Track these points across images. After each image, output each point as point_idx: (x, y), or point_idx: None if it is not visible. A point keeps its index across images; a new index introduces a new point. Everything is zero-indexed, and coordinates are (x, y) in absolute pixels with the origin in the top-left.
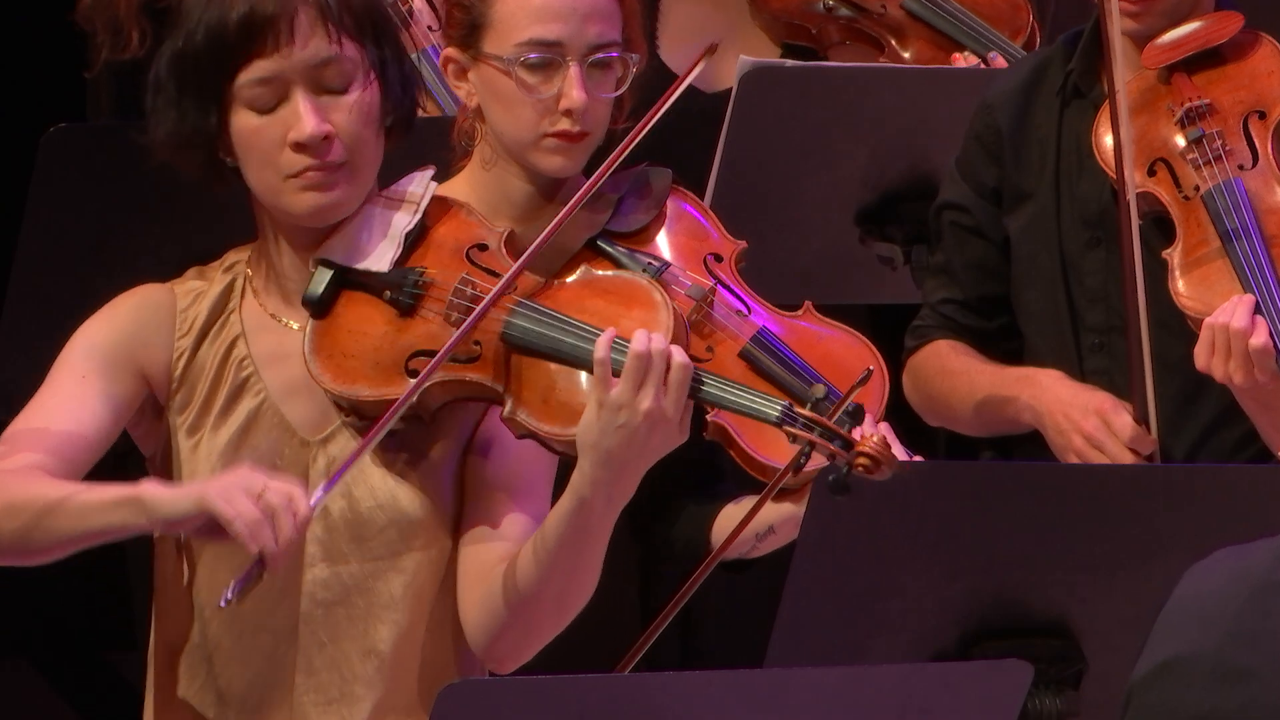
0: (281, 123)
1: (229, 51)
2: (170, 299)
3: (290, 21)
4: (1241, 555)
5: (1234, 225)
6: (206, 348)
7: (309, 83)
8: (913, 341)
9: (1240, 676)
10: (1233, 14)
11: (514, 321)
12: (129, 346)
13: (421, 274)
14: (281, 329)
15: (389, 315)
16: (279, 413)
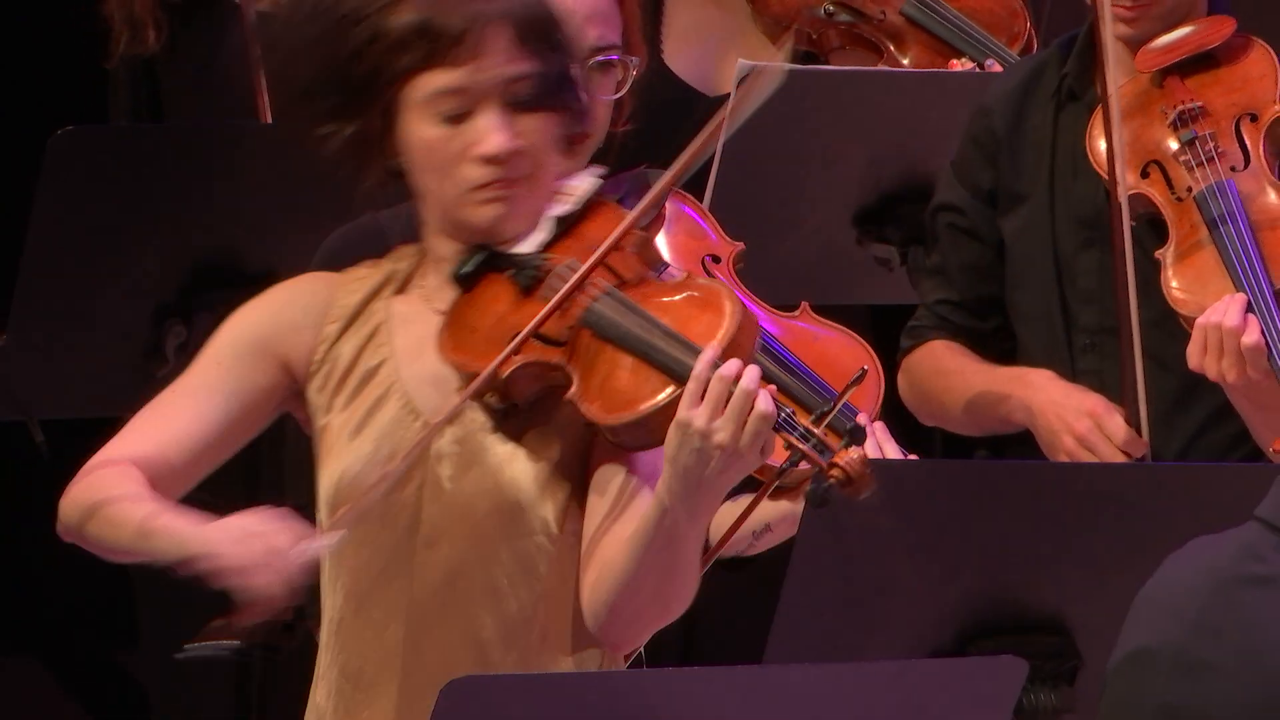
0: (466, 135)
1: (407, 59)
2: (329, 286)
3: (481, 35)
4: (1211, 547)
5: (1226, 226)
6: (352, 332)
7: (498, 97)
8: (908, 342)
9: (1202, 669)
10: (1225, 19)
11: (595, 307)
12: (274, 334)
13: (546, 258)
14: (429, 316)
15: (512, 294)
16: (407, 395)
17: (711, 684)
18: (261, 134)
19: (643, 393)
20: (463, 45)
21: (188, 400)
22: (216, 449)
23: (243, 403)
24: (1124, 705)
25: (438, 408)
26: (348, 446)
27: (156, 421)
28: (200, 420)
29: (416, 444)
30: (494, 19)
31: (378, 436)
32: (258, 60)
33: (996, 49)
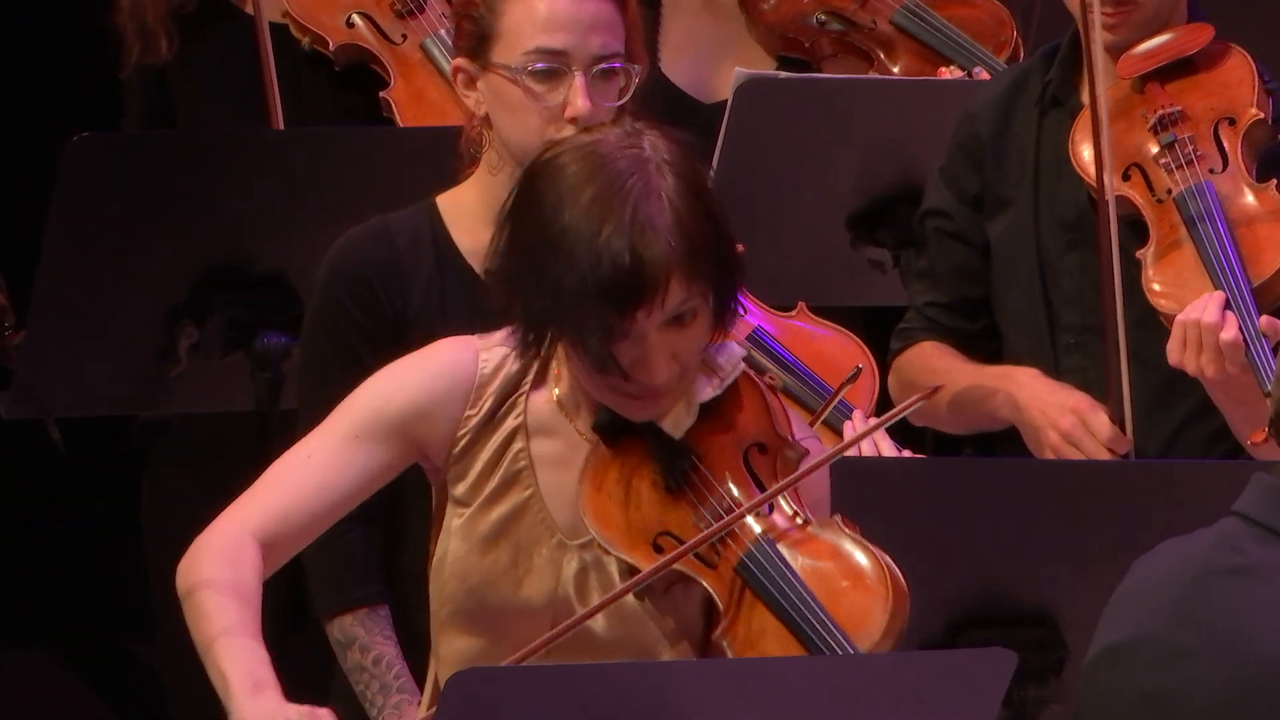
0: (629, 353)
1: (605, 309)
2: (471, 366)
3: (665, 289)
4: (1186, 542)
5: (1205, 226)
6: (492, 427)
7: (661, 328)
8: (898, 343)
9: (1181, 655)
10: (1204, 26)
11: (746, 562)
12: (415, 419)
13: (695, 463)
14: (568, 429)
15: (657, 484)
16: (545, 510)
17: (711, 674)
18: (271, 140)
19: None
20: (651, 300)
21: (317, 472)
22: (334, 515)
23: (371, 476)
24: (1105, 696)
25: (572, 527)
26: (483, 550)
27: (284, 488)
28: (327, 492)
29: (563, 628)
30: (676, 265)
31: (513, 549)
32: (271, 69)
33: (984, 57)
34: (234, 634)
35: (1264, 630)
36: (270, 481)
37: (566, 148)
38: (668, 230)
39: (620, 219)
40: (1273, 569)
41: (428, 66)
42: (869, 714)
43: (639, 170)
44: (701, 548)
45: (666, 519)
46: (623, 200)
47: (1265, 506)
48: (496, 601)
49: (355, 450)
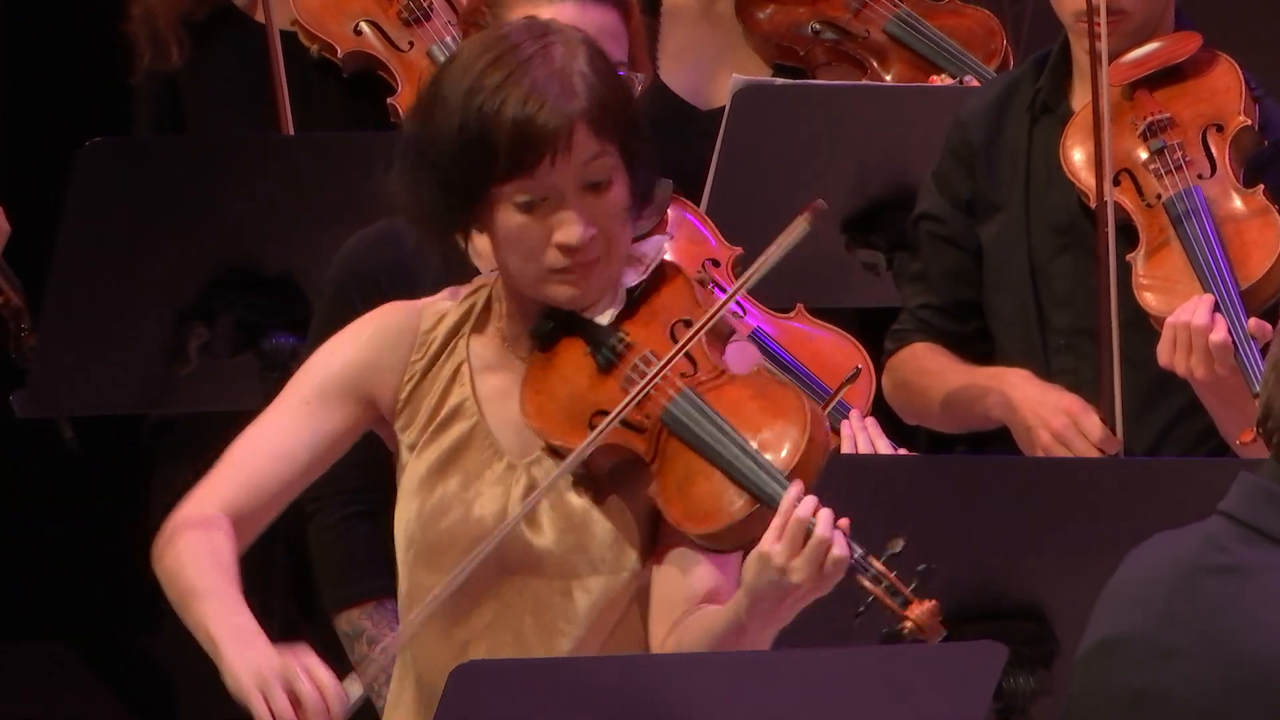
0: (547, 224)
1: (501, 164)
2: (414, 321)
3: (569, 137)
4: (1175, 539)
5: (1193, 230)
6: (435, 371)
7: (576, 188)
8: (891, 344)
9: (1170, 655)
10: (1192, 34)
11: (672, 410)
12: (360, 375)
13: (623, 338)
14: (511, 361)
15: (591, 369)
16: (491, 436)
17: (710, 667)
18: (279, 145)
19: (721, 507)
20: (554, 150)
21: (275, 440)
22: (299, 482)
23: (328, 440)
24: (1095, 692)
25: (519, 448)
26: (432, 484)
27: (245, 462)
28: (287, 460)
29: (499, 530)
30: (579, 118)
31: (462, 476)
32: (281, 76)
33: (974, 66)
34: (213, 595)
35: (1251, 629)
36: (233, 457)
37: (474, 36)
38: (573, 83)
39: (521, 74)
40: (1258, 568)
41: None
42: (864, 704)
43: (536, 40)
44: (632, 415)
45: (600, 398)
46: (519, 65)
47: (1251, 507)
48: (449, 528)
49: (310, 415)
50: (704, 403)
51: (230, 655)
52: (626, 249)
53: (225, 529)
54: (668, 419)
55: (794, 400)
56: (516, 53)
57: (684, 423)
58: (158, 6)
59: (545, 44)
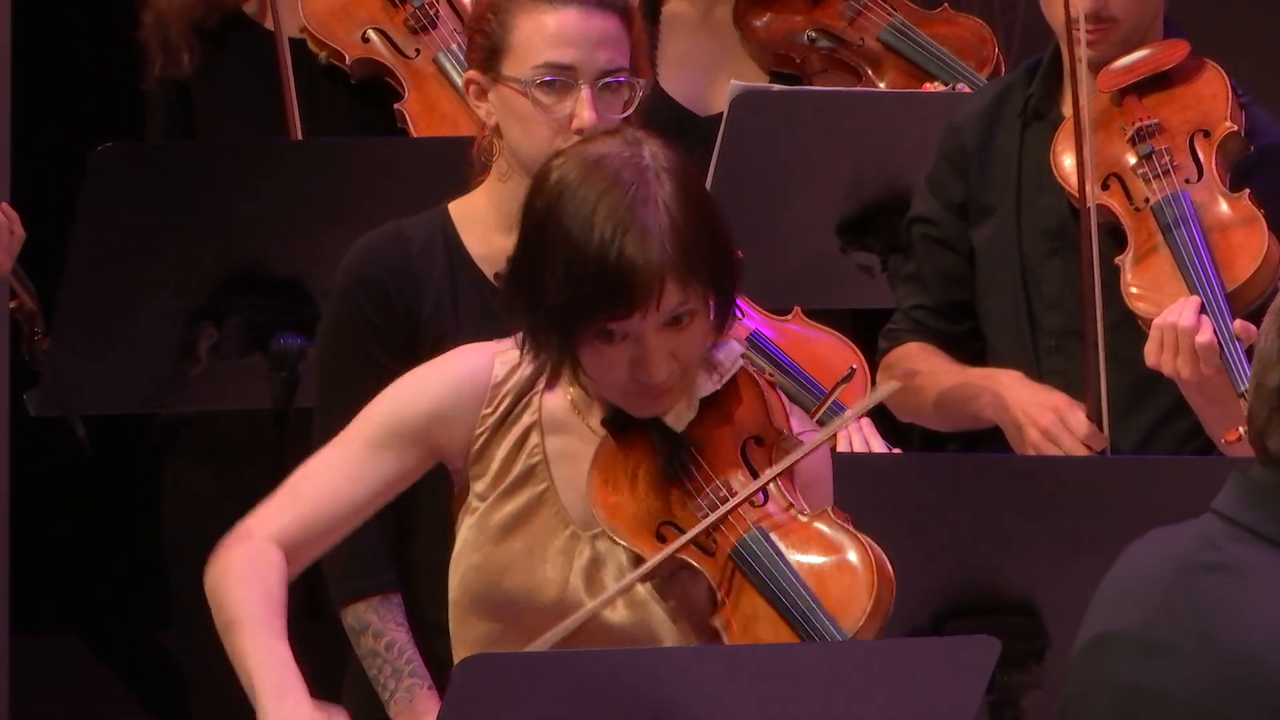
0: (627, 354)
1: (595, 309)
2: (487, 370)
3: (659, 292)
4: (1170, 536)
5: (1181, 233)
6: (507, 428)
7: (659, 329)
8: (885, 343)
9: (1164, 650)
10: (1180, 42)
11: (740, 549)
12: (429, 424)
13: (695, 455)
14: (580, 426)
15: (660, 475)
16: (560, 503)
17: (709, 660)
18: (288, 150)
19: None
20: (646, 301)
21: (335, 479)
22: (354, 521)
23: (387, 484)
24: (1090, 686)
25: (585, 519)
26: (498, 539)
27: (305, 496)
28: (345, 501)
29: (577, 617)
30: (670, 269)
31: (528, 538)
32: (289, 82)
33: (966, 73)
34: (259, 631)
35: (1243, 627)
36: (293, 489)
37: (570, 155)
38: (663, 234)
39: (618, 221)
40: (1249, 566)
41: (440, 79)
42: (860, 699)
43: (638, 176)
44: (700, 537)
45: (669, 509)
46: (621, 204)
47: (1242, 506)
48: (511, 588)
49: (375, 458)
50: (773, 547)
51: (267, 707)
52: (701, 360)
53: (278, 561)
54: (737, 557)
55: (862, 551)
56: (617, 189)
57: (752, 566)
58: (169, 14)
59: (643, 179)
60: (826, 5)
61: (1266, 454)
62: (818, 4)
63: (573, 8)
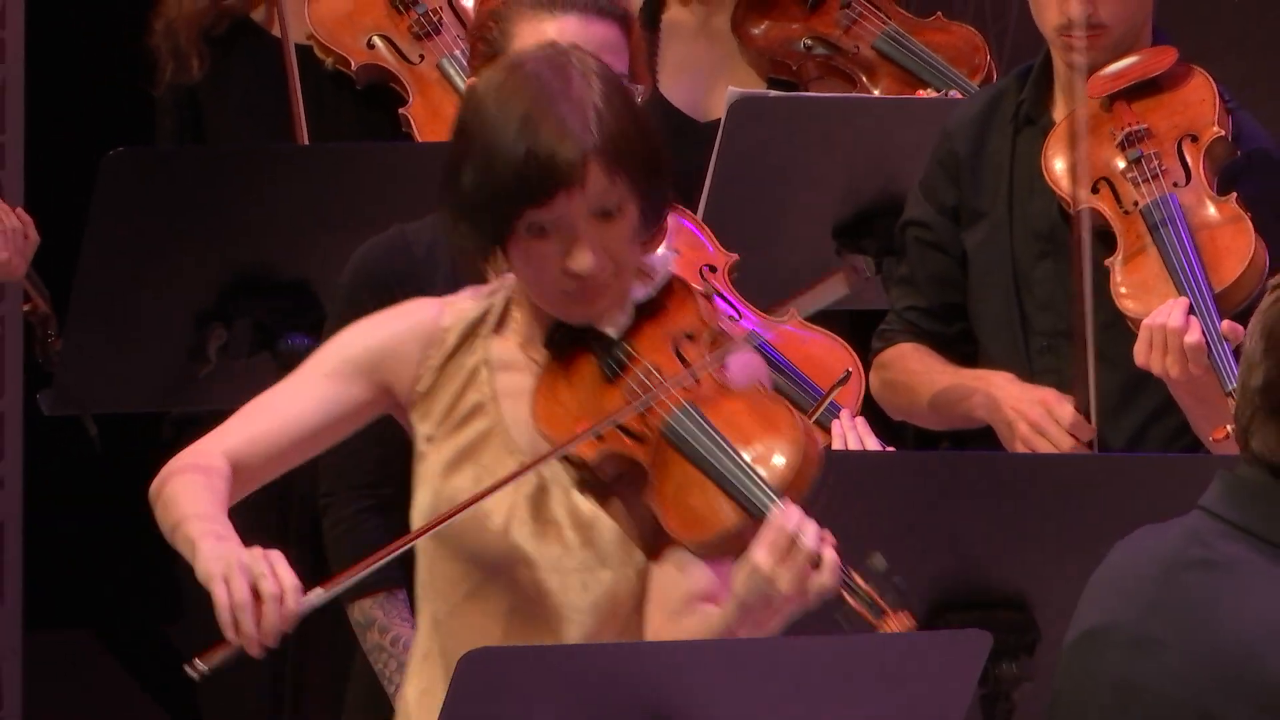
0: (560, 250)
1: (519, 198)
2: (436, 317)
3: (582, 173)
4: (1159, 533)
5: (1169, 236)
6: (454, 367)
7: (588, 219)
8: (879, 344)
9: (1153, 646)
10: (1168, 49)
11: (671, 423)
12: (380, 360)
13: (630, 351)
14: (528, 363)
15: (598, 379)
16: (508, 435)
17: (709, 654)
18: (295, 155)
19: (713, 518)
20: (570, 184)
21: (288, 402)
22: (303, 449)
23: (339, 413)
24: (1081, 680)
25: (532, 449)
26: (447, 475)
27: (256, 418)
28: (296, 422)
29: (503, 480)
30: (594, 154)
31: (477, 471)
32: (296, 88)
33: (959, 80)
34: (204, 518)
35: (1228, 621)
36: (245, 413)
37: (497, 65)
38: (585, 120)
39: (532, 110)
40: (1237, 564)
41: (444, 85)
42: (855, 690)
43: (558, 73)
44: (633, 425)
45: (605, 407)
46: (540, 97)
47: (1229, 504)
48: (461, 519)
49: (325, 386)
50: (702, 417)
51: (204, 548)
52: (635, 266)
53: (223, 472)
54: (666, 430)
55: (788, 416)
56: (535, 84)
57: (682, 435)
58: (179, 22)
59: (564, 75)
60: (823, 14)
61: (1250, 453)
62: (814, 12)
63: (572, 15)
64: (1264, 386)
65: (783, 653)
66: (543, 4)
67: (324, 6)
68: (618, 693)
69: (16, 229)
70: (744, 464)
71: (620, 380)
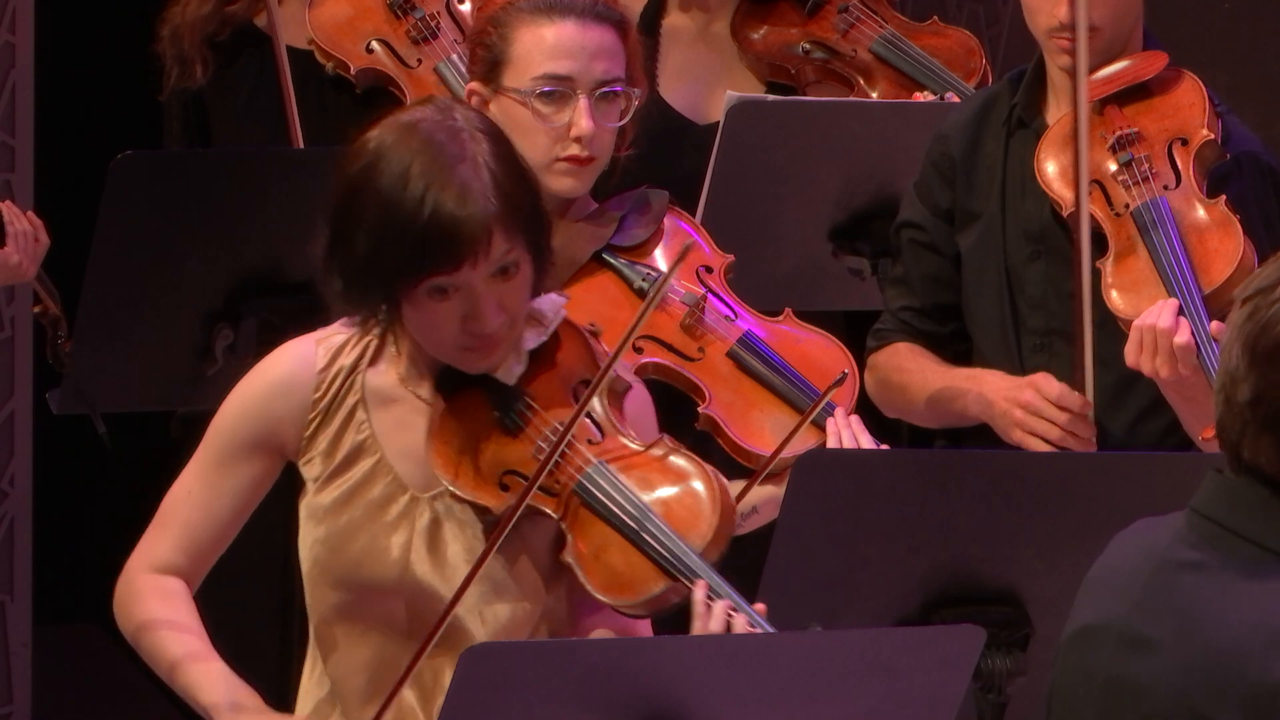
0: (459, 309)
1: (422, 267)
2: (308, 363)
3: (488, 242)
4: (1153, 531)
5: (1159, 237)
6: (334, 411)
7: (488, 279)
8: (874, 343)
9: (1145, 645)
10: (1158, 53)
11: (585, 484)
12: (265, 429)
13: (529, 403)
14: (407, 395)
15: (498, 427)
16: (393, 471)
17: (705, 649)
18: (299, 158)
19: (639, 582)
20: (474, 253)
21: (200, 505)
22: (234, 530)
23: (248, 492)
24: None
25: (422, 483)
26: (337, 512)
27: (178, 526)
28: (215, 520)
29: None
30: (495, 222)
31: (366, 507)
32: (289, 92)
33: (955, 83)
34: (196, 659)
35: (1217, 622)
36: (161, 521)
37: (384, 124)
38: (485, 187)
39: (443, 180)
40: (1226, 564)
41: (441, 89)
42: (850, 684)
43: (451, 137)
44: (545, 480)
45: (508, 458)
46: (437, 163)
47: (1220, 506)
48: (355, 555)
49: (225, 475)
50: (616, 478)
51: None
52: (526, 314)
53: (179, 588)
54: (581, 491)
55: (700, 471)
56: (431, 148)
57: (599, 497)
58: (184, 28)
59: (457, 138)
60: (821, 19)
61: (1240, 462)
62: (812, 17)
63: (570, 20)
64: (1253, 400)
65: (779, 647)
66: (540, 9)
67: (324, 12)
68: (617, 688)
69: (27, 232)
70: (665, 528)
71: (522, 432)
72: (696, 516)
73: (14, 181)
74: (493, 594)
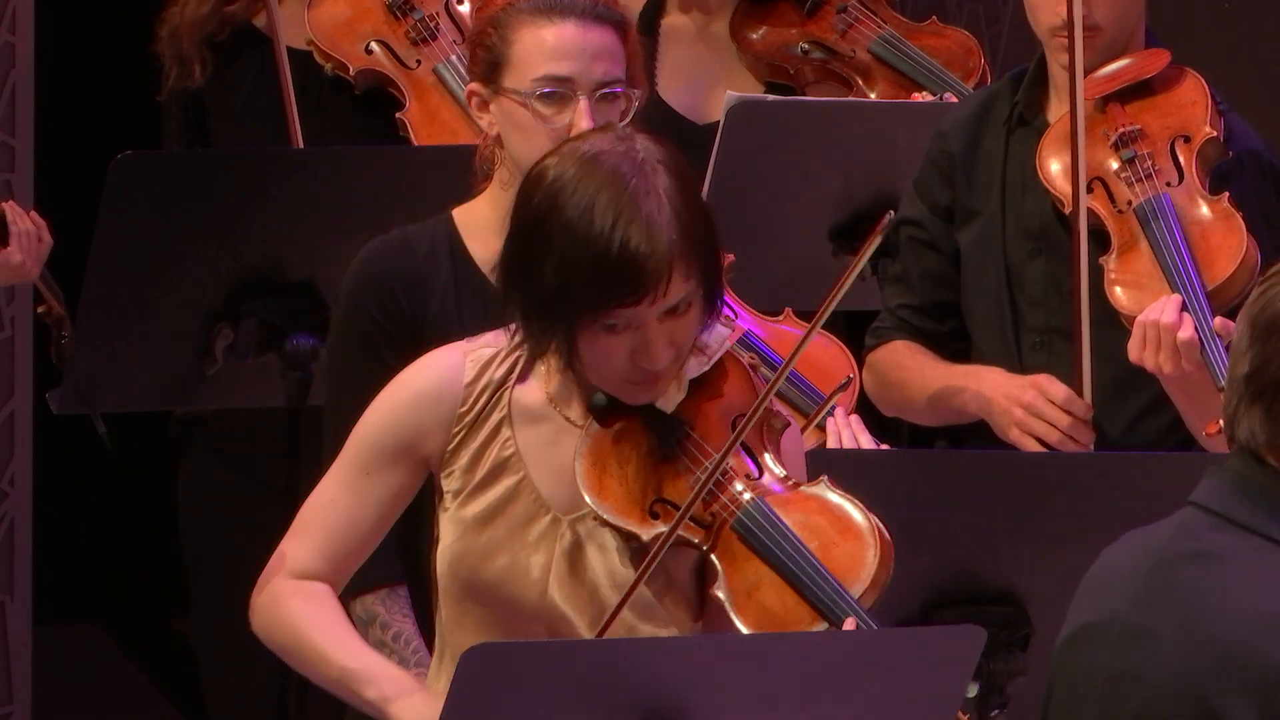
0: (630, 344)
1: (608, 299)
2: (456, 374)
3: (668, 277)
4: (1150, 532)
5: (1162, 234)
6: (479, 425)
7: (660, 316)
8: (872, 341)
9: (1145, 636)
10: (1161, 51)
11: (743, 520)
12: (411, 438)
13: (687, 431)
14: (554, 415)
15: (652, 454)
16: (536, 490)
17: (705, 649)
18: (298, 158)
19: (791, 622)
20: (654, 291)
21: (344, 512)
22: (374, 540)
23: (391, 501)
24: (1074, 675)
25: (565, 504)
26: (480, 527)
27: (319, 533)
28: (358, 528)
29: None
30: (676, 258)
31: (509, 525)
32: (289, 92)
33: (954, 84)
34: (354, 656)
35: (1220, 610)
36: (304, 528)
37: (564, 153)
38: (668, 223)
39: (626, 215)
40: (1228, 553)
41: (440, 90)
42: (851, 684)
43: (635, 169)
44: (697, 511)
45: (661, 486)
46: (622, 196)
47: (1219, 496)
48: (496, 573)
49: (369, 483)
50: (775, 515)
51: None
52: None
53: (322, 589)
54: (739, 527)
55: (860, 518)
56: (616, 180)
57: (757, 535)
58: (183, 28)
59: (641, 170)
60: (820, 19)
61: (1237, 441)
62: (811, 18)
63: (570, 22)
64: (1249, 374)
65: (780, 647)
66: (541, 10)
67: (324, 12)
68: (617, 688)
69: (30, 231)
70: (823, 571)
71: (677, 459)
72: (856, 561)
73: (14, 181)
74: (639, 620)
